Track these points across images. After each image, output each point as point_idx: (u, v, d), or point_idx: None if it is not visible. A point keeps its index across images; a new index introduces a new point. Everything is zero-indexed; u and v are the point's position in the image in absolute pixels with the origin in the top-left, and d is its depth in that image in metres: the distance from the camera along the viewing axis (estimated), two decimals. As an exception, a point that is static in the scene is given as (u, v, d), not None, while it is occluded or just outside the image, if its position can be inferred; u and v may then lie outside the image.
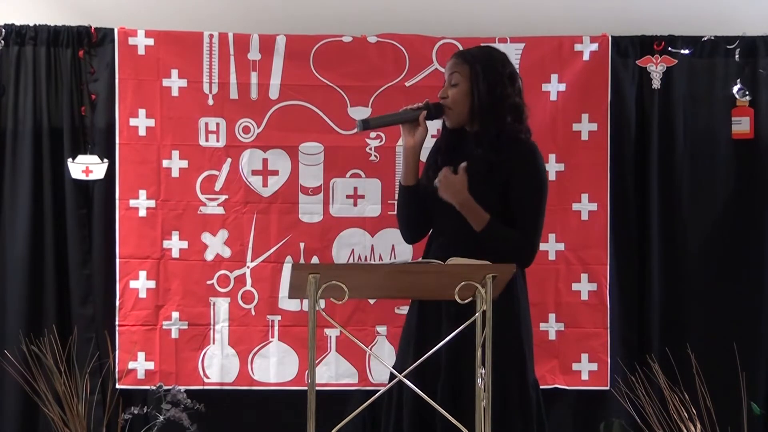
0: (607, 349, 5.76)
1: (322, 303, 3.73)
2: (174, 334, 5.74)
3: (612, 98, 5.79)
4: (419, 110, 4.17)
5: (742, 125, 5.80)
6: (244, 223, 5.77)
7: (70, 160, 5.68)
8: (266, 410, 5.75)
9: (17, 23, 5.71)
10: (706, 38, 5.82)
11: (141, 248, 5.73)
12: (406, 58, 5.78)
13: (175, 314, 5.73)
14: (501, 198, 4.11)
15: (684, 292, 5.83)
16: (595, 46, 5.79)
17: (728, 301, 5.80)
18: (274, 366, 5.75)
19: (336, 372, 5.74)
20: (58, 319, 5.68)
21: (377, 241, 5.77)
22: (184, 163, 5.76)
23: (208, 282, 5.76)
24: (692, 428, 5.29)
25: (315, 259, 5.72)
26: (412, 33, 5.78)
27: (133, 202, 5.73)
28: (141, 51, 5.72)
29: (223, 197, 5.77)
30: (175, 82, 5.75)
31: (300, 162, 5.79)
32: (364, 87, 5.75)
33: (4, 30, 5.71)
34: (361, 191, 5.80)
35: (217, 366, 5.74)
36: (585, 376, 5.77)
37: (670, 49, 5.81)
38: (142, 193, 5.73)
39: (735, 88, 5.80)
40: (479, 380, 3.72)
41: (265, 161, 5.78)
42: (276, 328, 5.76)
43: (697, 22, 5.84)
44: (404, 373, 3.74)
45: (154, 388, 5.58)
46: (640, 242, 5.84)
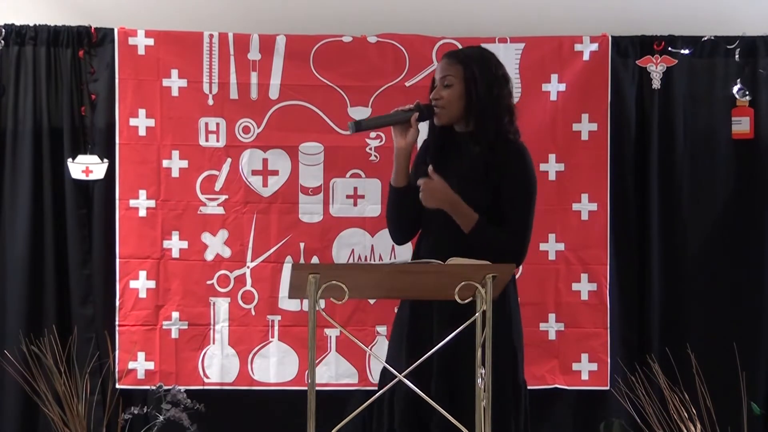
0: (607, 349, 5.76)
1: (322, 303, 3.73)
2: (174, 334, 5.74)
3: (612, 98, 5.79)
4: (411, 112, 4.16)
5: (742, 125, 5.81)
6: (244, 223, 5.77)
7: (70, 160, 5.68)
8: (266, 410, 5.75)
9: (17, 23, 5.71)
10: (706, 38, 5.82)
11: (141, 248, 5.73)
12: (406, 58, 5.78)
13: (175, 314, 5.73)
14: (492, 197, 4.11)
15: (684, 292, 5.83)
16: (595, 46, 5.79)
17: (728, 301, 5.81)
18: (274, 366, 5.75)
19: (336, 372, 5.74)
20: (58, 319, 5.69)
21: (377, 241, 5.77)
22: (184, 163, 5.76)
23: (208, 282, 5.76)
24: (692, 428, 5.29)
25: (315, 259, 5.72)
26: (412, 33, 5.78)
27: (133, 202, 5.73)
28: (141, 51, 5.72)
29: (223, 197, 5.77)
30: (175, 82, 5.75)
31: (300, 162, 5.79)
32: (364, 87, 5.76)
33: (4, 30, 5.71)
34: (361, 191, 5.80)
35: (217, 366, 5.74)
36: (585, 376, 5.77)
37: (670, 49, 5.81)
38: (142, 193, 5.73)
39: (735, 88, 5.80)
40: (479, 380, 3.72)
41: (265, 161, 5.78)
42: (276, 328, 5.76)
43: (697, 22, 5.84)
44: (404, 373, 3.74)
45: (154, 388, 5.58)
46: (640, 242, 5.84)
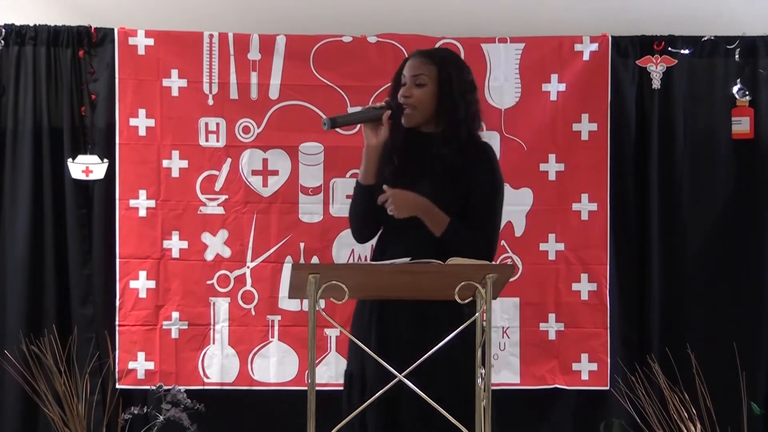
0: (607, 349, 5.76)
1: (322, 303, 3.73)
2: (174, 334, 5.74)
3: (612, 98, 5.79)
4: (383, 109, 4.14)
5: (742, 125, 5.81)
6: (244, 223, 5.77)
7: (70, 160, 5.68)
8: (266, 410, 5.75)
9: (17, 23, 5.72)
10: (706, 38, 5.82)
11: (141, 248, 5.73)
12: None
13: (175, 314, 5.73)
14: (462, 199, 4.10)
15: (684, 292, 5.83)
16: (595, 46, 5.79)
17: (728, 301, 5.81)
18: (274, 366, 5.75)
19: (336, 372, 5.73)
20: (58, 319, 5.68)
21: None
22: (184, 163, 5.76)
23: (208, 282, 5.76)
24: (692, 428, 5.29)
25: (315, 259, 5.72)
26: (412, 33, 5.77)
27: (133, 202, 5.73)
28: (141, 51, 5.73)
29: (223, 197, 5.77)
30: (175, 82, 5.75)
31: (300, 162, 5.79)
32: (364, 87, 5.75)
33: (4, 30, 5.71)
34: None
35: (217, 366, 5.74)
36: (585, 376, 5.77)
37: (670, 49, 5.81)
38: (142, 193, 5.73)
39: (735, 88, 5.80)
40: (479, 380, 3.72)
41: (265, 161, 5.78)
42: (276, 328, 5.76)
43: (697, 22, 5.84)
44: (404, 373, 3.73)
45: (154, 388, 5.57)
46: (640, 242, 5.84)
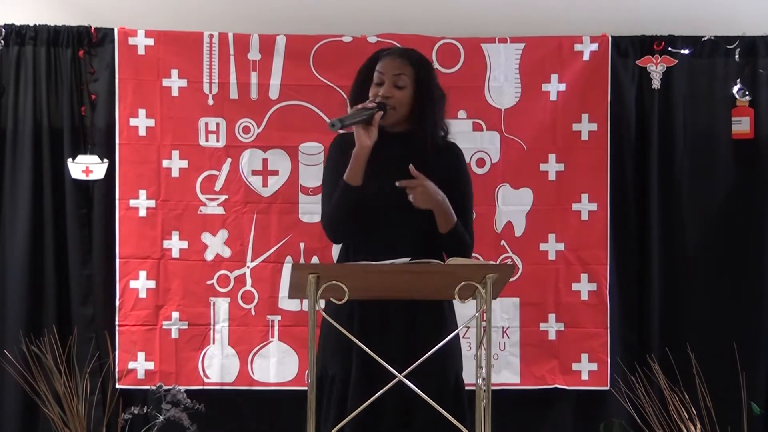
0: (607, 349, 5.76)
1: (322, 303, 3.73)
2: (174, 334, 5.74)
3: (612, 98, 5.79)
4: (375, 110, 4.11)
5: (742, 125, 5.81)
6: (244, 223, 5.77)
7: (70, 160, 5.68)
8: (266, 410, 5.75)
9: (17, 23, 5.72)
10: (706, 38, 5.82)
11: (141, 248, 5.73)
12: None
13: (175, 314, 5.73)
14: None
15: (684, 293, 5.83)
16: (595, 46, 5.79)
17: (728, 301, 5.81)
18: (274, 366, 5.75)
19: (336, 372, 5.73)
20: (58, 319, 5.69)
21: (377, 241, 5.76)
22: (184, 163, 5.76)
23: (208, 282, 5.76)
24: (692, 428, 5.29)
25: (315, 259, 5.72)
26: (412, 33, 5.77)
27: (133, 202, 5.73)
28: (141, 51, 5.73)
29: (223, 197, 5.77)
30: (175, 82, 5.75)
31: (300, 162, 5.79)
32: (364, 87, 5.75)
33: (4, 30, 5.71)
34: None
35: (217, 366, 5.74)
36: (585, 376, 5.77)
37: (670, 49, 5.81)
38: (142, 193, 5.73)
39: (735, 88, 5.80)
40: (479, 380, 3.72)
41: (265, 161, 5.79)
42: (276, 328, 5.76)
43: (697, 22, 5.84)
44: (404, 373, 3.73)
45: (154, 388, 5.57)
46: (640, 242, 5.84)
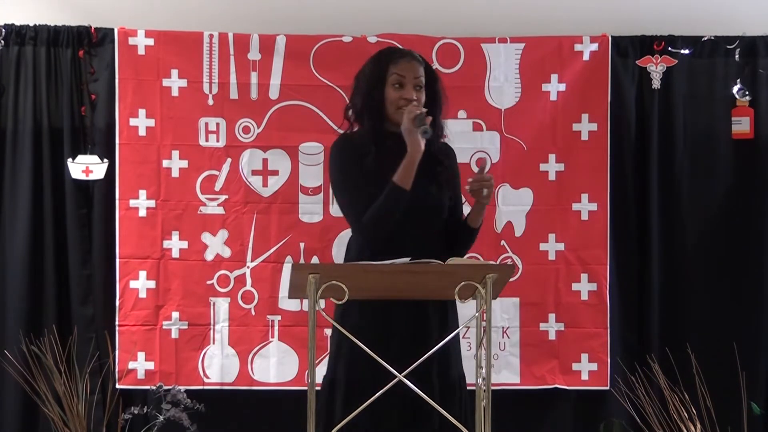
0: (607, 349, 5.76)
1: (322, 303, 3.73)
2: (174, 334, 5.74)
3: (612, 98, 5.79)
4: (426, 115, 4.14)
5: (742, 125, 5.81)
6: (244, 223, 5.77)
7: (70, 160, 5.68)
8: (266, 410, 5.75)
9: (17, 23, 5.72)
10: (706, 38, 5.82)
11: (141, 248, 5.73)
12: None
13: (175, 314, 5.73)
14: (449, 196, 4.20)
15: (684, 292, 5.83)
16: (595, 46, 5.79)
17: (728, 301, 5.81)
18: (274, 366, 5.75)
19: (336, 372, 5.73)
20: (58, 319, 5.69)
21: (377, 241, 5.76)
22: (184, 163, 5.76)
23: (208, 282, 5.76)
24: (692, 428, 5.29)
25: (315, 259, 5.72)
26: (412, 33, 5.77)
27: (133, 202, 5.73)
28: (141, 51, 5.73)
29: (223, 197, 5.77)
30: (175, 82, 5.75)
31: (300, 162, 5.79)
32: (364, 87, 5.74)
33: (4, 30, 5.71)
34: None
35: (217, 366, 5.74)
36: (585, 376, 5.78)
37: (670, 49, 5.81)
38: (142, 193, 5.73)
39: (735, 88, 5.80)
40: (479, 380, 3.72)
41: (265, 161, 5.78)
42: (276, 328, 5.76)
43: (697, 22, 5.84)
44: (404, 373, 3.73)
45: (154, 388, 5.57)
46: (640, 242, 5.84)
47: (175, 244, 5.75)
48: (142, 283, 5.72)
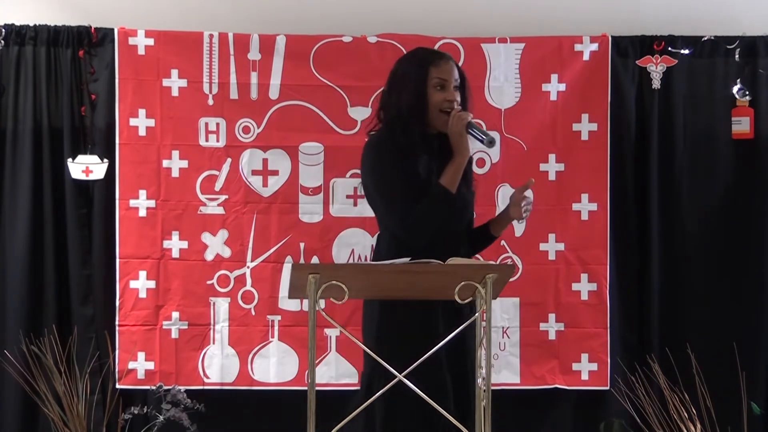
0: (607, 349, 5.76)
1: (322, 303, 3.73)
2: (174, 334, 5.74)
3: (612, 98, 5.79)
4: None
5: (742, 125, 5.81)
6: (244, 223, 5.77)
7: (70, 160, 5.68)
8: (266, 410, 5.75)
9: (17, 23, 5.72)
10: (706, 38, 5.82)
11: (141, 248, 5.73)
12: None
13: (175, 314, 5.73)
14: None
15: (684, 292, 5.83)
16: (595, 46, 5.79)
17: (728, 301, 5.81)
18: (274, 366, 5.75)
19: (336, 372, 5.74)
20: (58, 319, 5.69)
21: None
22: (184, 163, 5.76)
23: (208, 282, 5.76)
24: (692, 428, 5.29)
25: (315, 259, 5.72)
26: (412, 33, 5.77)
27: (133, 202, 5.73)
28: (141, 51, 5.73)
29: (223, 197, 5.77)
30: (175, 82, 5.75)
31: (300, 162, 5.79)
32: (364, 87, 5.75)
33: (4, 30, 5.71)
34: (361, 191, 5.78)
35: (217, 366, 5.74)
36: (585, 376, 5.78)
37: (670, 49, 5.81)
38: (142, 193, 5.73)
39: (735, 88, 5.80)
40: (479, 380, 3.72)
41: (265, 161, 5.78)
42: (276, 328, 5.76)
43: (697, 22, 5.84)
44: (404, 373, 3.73)
45: (154, 388, 5.57)
46: (640, 242, 5.84)
47: (175, 244, 5.75)
48: (142, 283, 5.72)
